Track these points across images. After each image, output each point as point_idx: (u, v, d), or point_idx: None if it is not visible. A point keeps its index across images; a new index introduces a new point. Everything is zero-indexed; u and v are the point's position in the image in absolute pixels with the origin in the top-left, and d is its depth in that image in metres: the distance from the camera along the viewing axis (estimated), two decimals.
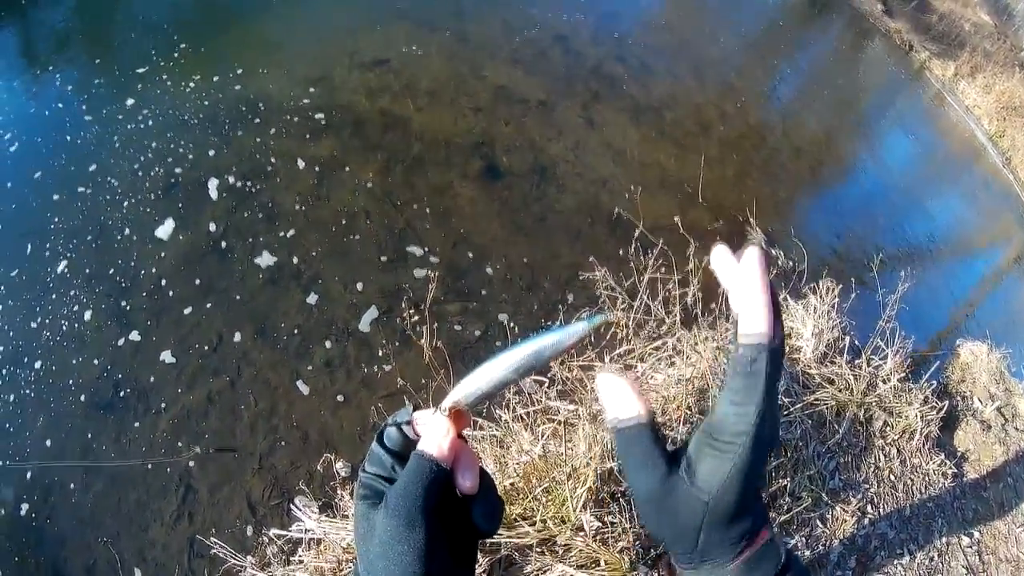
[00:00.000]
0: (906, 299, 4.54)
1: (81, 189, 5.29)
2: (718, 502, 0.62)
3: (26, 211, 5.16)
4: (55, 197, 5.23)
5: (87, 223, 5.08)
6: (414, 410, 0.74)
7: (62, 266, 4.81)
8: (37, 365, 4.35)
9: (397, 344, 4.61)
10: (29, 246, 4.92)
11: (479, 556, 2.93)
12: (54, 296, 4.66)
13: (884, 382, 4.38)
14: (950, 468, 4.45)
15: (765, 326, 0.60)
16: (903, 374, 4.53)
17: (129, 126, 5.83)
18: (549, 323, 4.93)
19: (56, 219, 5.09)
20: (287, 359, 4.49)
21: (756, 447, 0.61)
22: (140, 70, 6.39)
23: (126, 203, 5.21)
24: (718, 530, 0.64)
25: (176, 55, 6.62)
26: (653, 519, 0.68)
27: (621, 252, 4.06)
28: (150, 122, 5.87)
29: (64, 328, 4.51)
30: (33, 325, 4.52)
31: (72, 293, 4.68)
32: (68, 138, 5.70)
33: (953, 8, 18.07)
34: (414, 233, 5.38)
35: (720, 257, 0.66)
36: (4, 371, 4.33)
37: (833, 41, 14.51)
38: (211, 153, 5.65)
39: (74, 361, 4.37)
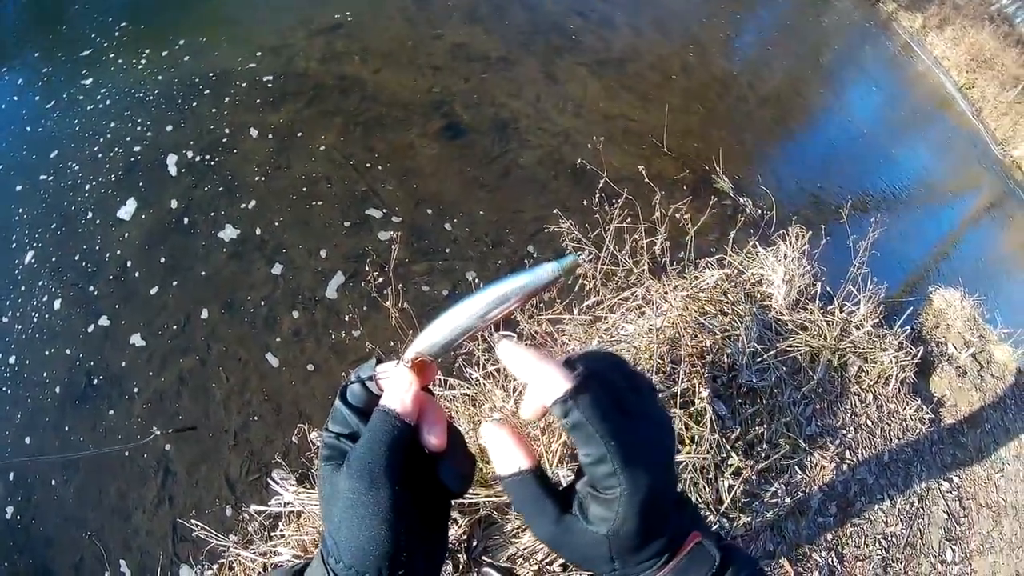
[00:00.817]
0: (877, 246, 4.54)
1: (43, 177, 5.24)
2: (617, 533, 0.62)
3: None
4: (18, 188, 5.19)
5: (51, 211, 5.03)
6: (377, 363, 0.71)
7: (29, 257, 4.77)
8: (12, 361, 4.31)
9: (364, 308, 4.56)
10: None
11: (456, 516, 2.93)
12: (23, 288, 4.62)
13: (858, 328, 4.40)
14: (927, 414, 4.50)
15: (553, 385, 0.61)
16: (876, 320, 4.56)
17: (87, 108, 5.76)
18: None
19: (21, 210, 5.05)
20: (255, 332, 4.43)
21: (636, 481, 0.60)
22: (89, 53, 6.32)
23: (87, 187, 5.15)
24: (631, 553, 0.63)
25: (125, 35, 6.55)
26: (563, 554, 0.68)
27: (586, 203, 4.00)
28: (108, 103, 5.79)
29: (35, 320, 4.46)
30: (4, 320, 4.48)
31: (40, 284, 4.63)
32: (27, 129, 5.66)
33: None
34: (376, 195, 5.31)
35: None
36: None
37: None
38: (169, 129, 5.54)
39: (47, 353, 4.32)
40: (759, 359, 3.80)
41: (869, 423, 4.23)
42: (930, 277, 7.13)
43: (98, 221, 4.94)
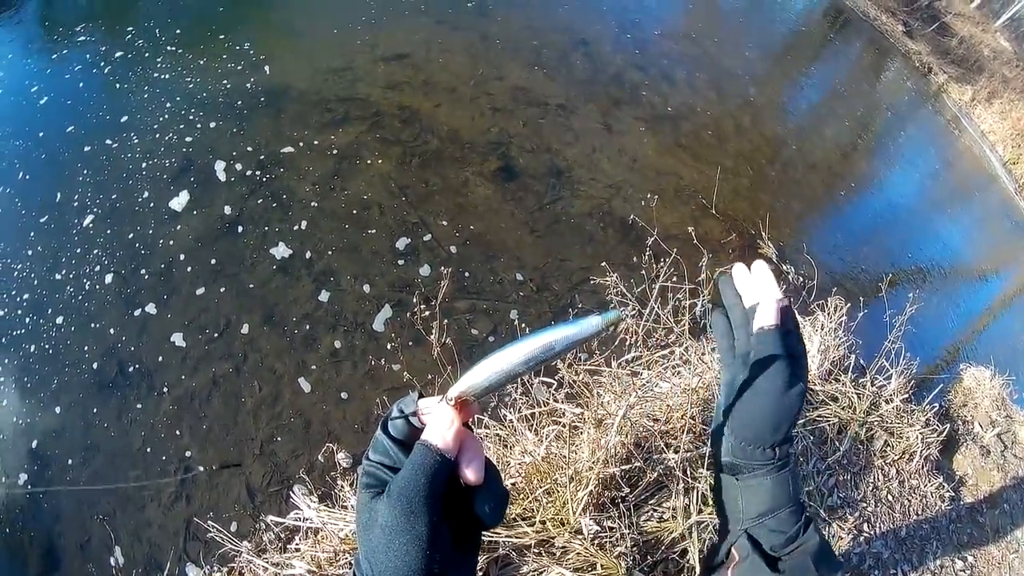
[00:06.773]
0: (912, 320, 4.54)
1: (108, 142, 5.46)
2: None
3: (57, 160, 5.31)
4: (86, 149, 5.40)
5: (112, 180, 5.20)
6: (420, 399, 0.74)
7: (88, 220, 4.92)
8: (59, 320, 4.43)
9: (405, 339, 4.59)
10: (59, 194, 5.05)
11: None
12: (79, 250, 4.75)
13: (887, 402, 4.38)
14: (948, 491, 4.45)
15: (773, 318, 0.84)
16: (906, 395, 4.53)
17: (156, 81, 6.06)
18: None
19: (86, 171, 5.23)
20: (294, 349, 4.49)
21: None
22: (162, 46, 6.53)
23: (144, 165, 5.33)
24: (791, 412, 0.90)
25: (199, 35, 6.73)
26: (772, 402, 0.88)
27: (633, 259, 4.01)
28: (172, 95, 5.98)
29: (86, 288, 4.58)
30: (58, 277, 4.62)
31: (95, 252, 4.76)
32: (99, 96, 5.92)
33: (973, 32, 18.07)
34: (426, 229, 5.37)
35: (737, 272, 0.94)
36: (28, 319, 4.42)
37: (852, 59, 14.48)
38: (224, 132, 5.74)
39: (91, 326, 4.43)
40: None
41: (890, 497, 4.19)
42: (962, 354, 7.05)
43: (152, 204, 5.08)
